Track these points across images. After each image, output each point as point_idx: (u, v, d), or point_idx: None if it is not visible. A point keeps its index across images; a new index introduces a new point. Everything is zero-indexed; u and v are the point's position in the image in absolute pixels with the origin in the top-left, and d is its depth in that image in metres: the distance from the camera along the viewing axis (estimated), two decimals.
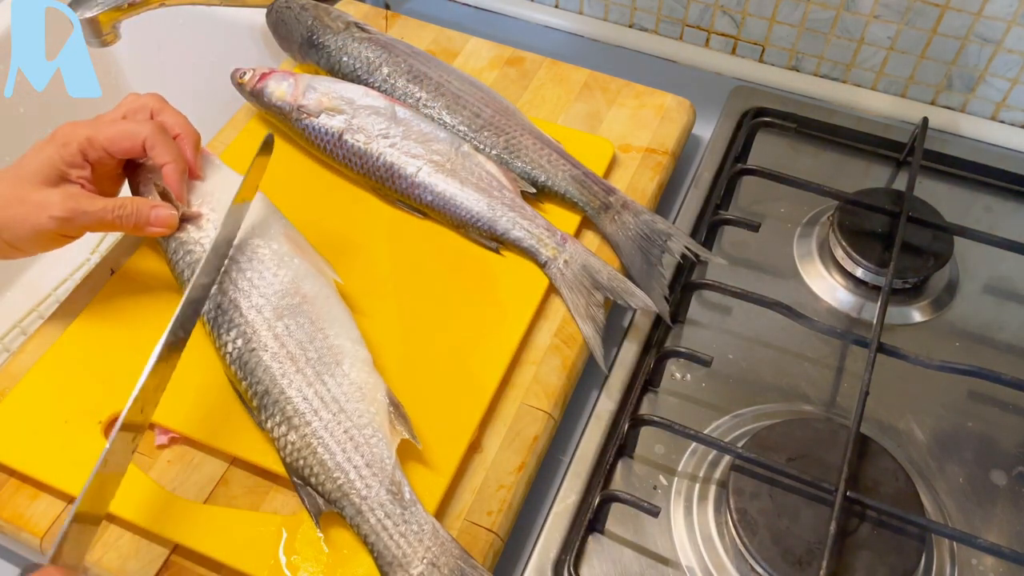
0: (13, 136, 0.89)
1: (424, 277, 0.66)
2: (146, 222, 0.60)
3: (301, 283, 0.60)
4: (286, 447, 0.54)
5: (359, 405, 0.55)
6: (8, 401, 0.59)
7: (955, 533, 0.55)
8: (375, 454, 0.53)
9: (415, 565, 0.50)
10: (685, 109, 0.78)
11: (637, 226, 0.67)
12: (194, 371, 0.59)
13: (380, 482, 0.52)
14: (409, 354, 0.60)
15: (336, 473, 0.53)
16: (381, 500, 0.52)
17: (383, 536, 0.51)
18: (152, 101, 0.63)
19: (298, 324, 0.58)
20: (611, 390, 0.63)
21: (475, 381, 0.60)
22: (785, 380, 0.66)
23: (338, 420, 0.54)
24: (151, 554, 0.54)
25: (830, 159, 0.80)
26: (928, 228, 0.70)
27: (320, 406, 0.55)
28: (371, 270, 0.65)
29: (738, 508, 0.55)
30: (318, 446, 0.53)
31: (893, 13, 0.78)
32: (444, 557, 0.50)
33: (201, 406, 0.58)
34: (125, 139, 0.60)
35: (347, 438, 0.54)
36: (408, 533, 0.51)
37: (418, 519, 0.51)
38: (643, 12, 0.89)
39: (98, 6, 0.76)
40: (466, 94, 0.74)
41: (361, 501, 0.52)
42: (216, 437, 0.57)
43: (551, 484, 0.60)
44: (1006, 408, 0.64)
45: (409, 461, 0.55)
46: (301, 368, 0.56)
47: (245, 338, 0.57)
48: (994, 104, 0.81)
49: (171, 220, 0.61)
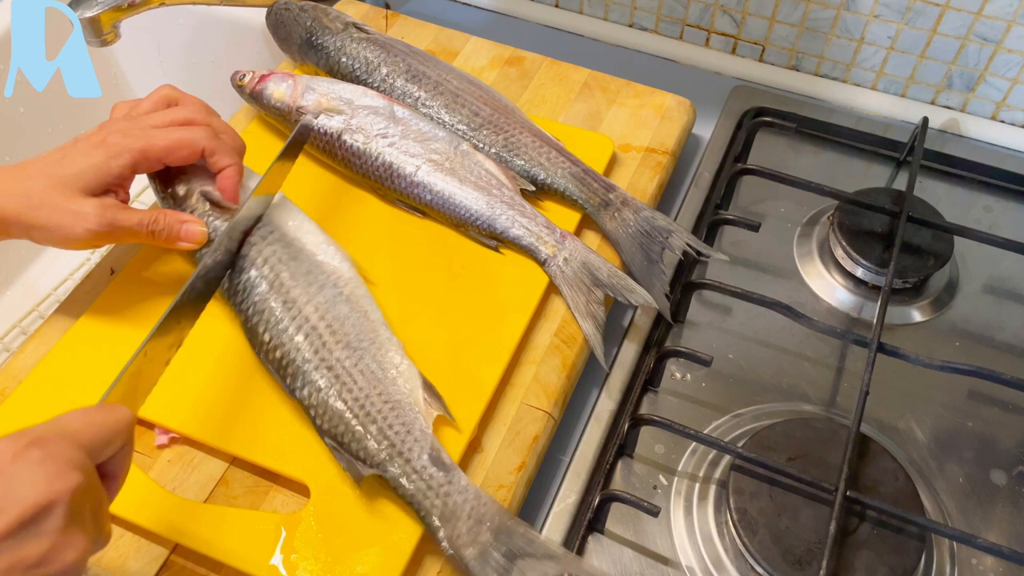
0: (13, 136, 0.89)
1: (423, 276, 0.66)
2: (177, 237, 0.60)
3: (338, 266, 0.61)
4: (324, 413, 0.55)
5: (396, 381, 0.57)
6: (10, 402, 0.59)
7: (955, 533, 0.55)
8: (414, 423, 0.55)
9: (462, 520, 0.52)
10: (685, 109, 0.78)
11: (637, 223, 0.67)
12: (195, 371, 0.59)
13: (422, 447, 0.54)
14: (409, 353, 0.60)
15: (379, 437, 0.54)
16: (424, 463, 0.53)
17: (429, 495, 0.53)
18: (172, 92, 0.62)
19: (336, 300, 0.59)
20: (611, 390, 0.63)
21: (475, 380, 0.60)
22: (785, 380, 0.66)
23: (378, 391, 0.56)
24: (151, 554, 0.54)
25: (830, 159, 0.80)
26: (928, 228, 0.70)
27: (359, 377, 0.56)
28: (371, 269, 0.65)
29: (738, 508, 0.55)
30: (359, 411, 0.55)
31: (893, 13, 0.78)
32: (488, 515, 0.52)
33: (201, 406, 0.58)
34: (183, 149, 0.59)
35: (388, 408, 0.55)
36: (452, 492, 0.53)
37: (461, 481, 0.53)
38: (643, 12, 0.89)
39: (98, 6, 0.76)
40: (465, 93, 0.74)
41: (405, 463, 0.53)
42: (216, 437, 0.57)
43: (551, 484, 0.60)
44: (1006, 408, 0.64)
45: None
46: (340, 340, 0.57)
47: (286, 306, 0.58)
48: (994, 104, 0.81)
49: (201, 236, 0.60)
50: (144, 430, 0.59)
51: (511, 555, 0.50)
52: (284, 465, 0.56)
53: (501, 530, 0.51)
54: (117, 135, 0.57)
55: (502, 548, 0.51)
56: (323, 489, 0.55)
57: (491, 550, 0.51)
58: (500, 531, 0.51)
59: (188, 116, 0.60)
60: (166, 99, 0.62)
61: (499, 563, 0.50)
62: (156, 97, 0.62)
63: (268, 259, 0.60)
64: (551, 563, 0.50)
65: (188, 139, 0.59)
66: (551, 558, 0.50)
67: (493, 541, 0.51)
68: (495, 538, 0.51)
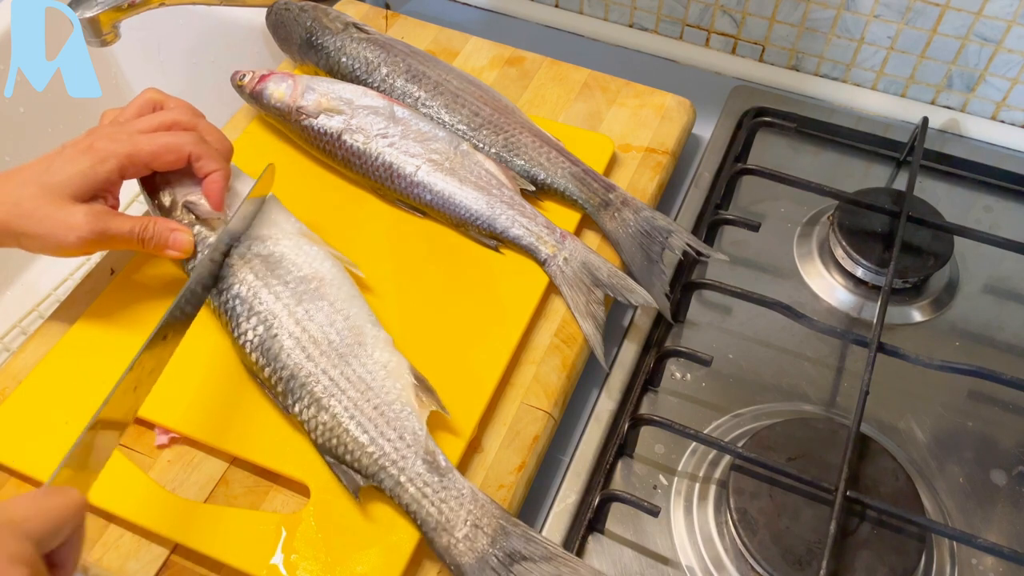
0: (13, 136, 0.89)
1: (423, 276, 0.66)
2: (165, 245, 0.59)
3: (318, 269, 0.61)
4: (317, 428, 0.55)
5: (385, 382, 0.56)
6: (9, 402, 0.59)
7: (955, 533, 0.55)
8: (406, 427, 0.54)
9: (459, 528, 0.51)
10: (685, 109, 0.78)
11: (637, 223, 0.67)
12: (194, 371, 0.59)
13: (415, 453, 0.53)
14: (408, 353, 0.60)
15: (371, 448, 0.54)
16: (418, 470, 0.53)
17: (424, 504, 0.52)
18: (157, 95, 0.62)
19: (318, 308, 0.59)
20: (611, 390, 0.63)
21: (475, 380, 0.60)
22: (785, 380, 0.66)
23: (367, 398, 0.55)
24: (151, 554, 0.54)
25: (830, 159, 0.80)
26: (928, 228, 0.70)
27: (347, 386, 0.55)
28: (371, 269, 0.65)
29: (738, 508, 0.55)
30: (349, 423, 0.54)
31: (893, 13, 0.78)
32: (486, 518, 0.52)
33: (201, 406, 0.58)
34: (169, 153, 0.58)
35: (377, 414, 0.55)
36: (448, 499, 0.52)
37: (456, 485, 0.53)
38: (643, 12, 0.89)
39: (98, 6, 0.76)
40: (465, 93, 0.74)
41: (399, 472, 0.53)
42: (216, 437, 0.57)
43: (551, 484, 0.60)
44: (1006, 408, 0.64)
45: None
46: (324, 351, 0.57)
47: (266, 324, 0.58)
48: (994, 104, 0.81)
49: (189, 245, 0.60)
50: (144, 430, 0.59)
51: (509, 560, 0.51)
52: (284, 465, 0.56)
53: (499, 533, 0.51)
54: (103, 140, 0.57)
55: (499, 553, 0.51)
56: (323, 489, 0.55)
57: (489, 556, 0.51)
58: (498, 535, 0.51)
59: (174, 119, 0.60)
60: (151, 103, 0.62)
61: (497, 569, 0.50)
62: (141, 101, 0.62)
63: (245, 279, 0.60)
64: (549, 565, 0.50)
65: (174, 144, 0.59)
66: (549, 559, 0.51)
67: (490, 547, 0.51)
68: (492, 543, 0.51)
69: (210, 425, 0.58)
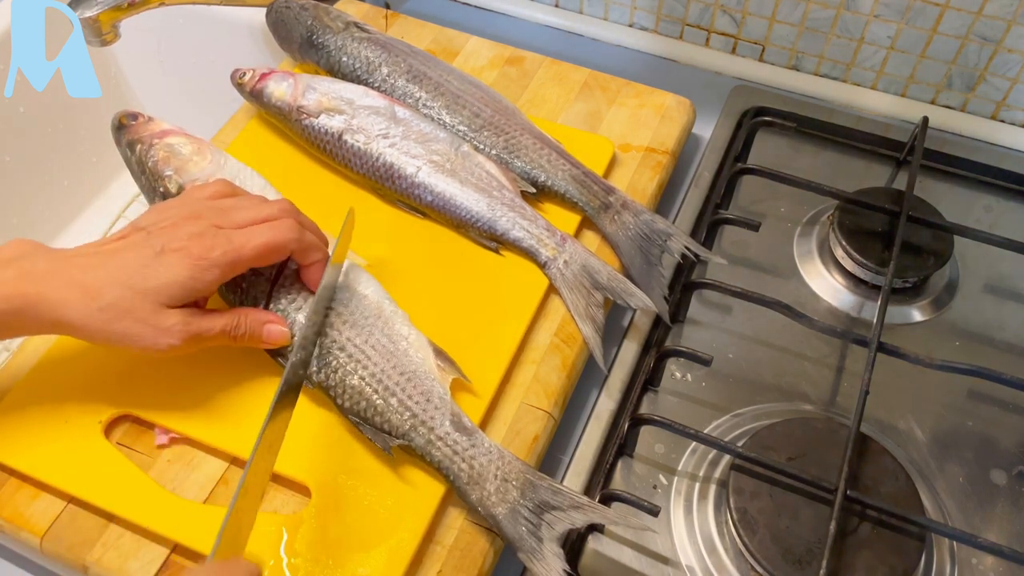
0: (13, 136, 0.89)
1: (424, 277, 0.66)
2: (259, 340, 0.57)
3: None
4: (344, 392, 0.56)
5: (408, 351, 0.58)
6: (8, 400, 0.59)
7: (955, 533, 0.55)
8: (433, 391, 0.56)
9: (490, 482, 0.54)
10: (685, 108, 0.78)
11: (637, 226, 0.67)
12: (194, 371, 0.59)
13: (443, 414, 0.56)
14: None
15: (400, 409, 0.56)
16: (447, 429, 0.55)
17: (456, 460, 0.54)
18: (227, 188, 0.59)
19: (338, 287, 0.60)
20: (611, 390, 0.63)
21: (475, 380, 0.60)
22: (785, 380, 0.66)
23: (392, 364, 0.57)
24: (151, 554, 0.54)
25: (830, 158, 0.80)
26: (928, 228, 0.70)
27: (372, 353, 0.57)
28: (371, 270, 0.65)
29: (738, 508, 0.55)
30: (377, 387, 0.56)
31: (893, 12, 0.78)
32: (514, 473, 0.54)
33: (201, 406, 0.58)
34: (275, 254, 0.56)
35: (404, 379, 0.56)
36: (478, 455, 0.55)
37: (483, 442, 0.55)
38: (643, 12, 0.89)
39: (98, 6, 0.76)
40: (466, 94, 0.74)
41: (429, 432, 0.55)
42: (216, 437, 0.57)
43: None
44: (1006, 408, 0.64)
45: (407, 461, 0.56)
46: (347, 320, 0.58)
47: (289, 299, 0.59)
48: (994, 103, 0.81)
49: (284, 338, 0.58)
50: (144, 430, 0.59)
51: (539, 509, 0.53)
52: (284, 465, 0.56)
53: (527, 486, 0.54)
54: (201, 247, 0.53)
55: (529, 503, 0.53)
56: (323, 489, 0.55)
57: (520, 507, 0.53)
58: (526, 487, 0.54)
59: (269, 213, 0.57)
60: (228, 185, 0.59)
61: (528, 517, 0.53)
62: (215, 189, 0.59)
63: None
64: (578, 513, 0.53)
65: (279, 243, 0.56)
66: (577, 508, 0.53)
67: (520, 498, 0.54)
68: (522, 494, 0.54)
69: (210, 425, 0.58)
